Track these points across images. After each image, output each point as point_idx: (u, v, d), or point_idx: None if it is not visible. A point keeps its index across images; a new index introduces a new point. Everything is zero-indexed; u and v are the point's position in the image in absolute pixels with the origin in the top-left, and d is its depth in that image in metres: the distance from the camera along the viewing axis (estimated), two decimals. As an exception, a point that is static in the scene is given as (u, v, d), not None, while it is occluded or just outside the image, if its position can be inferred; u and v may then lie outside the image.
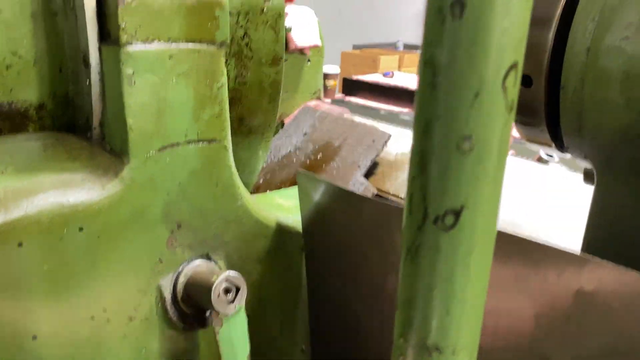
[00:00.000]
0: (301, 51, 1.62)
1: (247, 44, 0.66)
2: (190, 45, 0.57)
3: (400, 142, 1.43)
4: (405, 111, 3.30)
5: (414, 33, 6.96)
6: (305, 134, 1.56)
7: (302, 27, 1.61)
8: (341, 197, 0.69)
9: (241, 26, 0.65)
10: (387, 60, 4.33)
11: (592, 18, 0.59)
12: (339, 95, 3.85)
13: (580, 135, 0.65)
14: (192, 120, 0.59)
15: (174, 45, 0.55)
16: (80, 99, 0.58)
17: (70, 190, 0.52)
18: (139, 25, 0.52)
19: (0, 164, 0.52)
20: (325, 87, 4.18)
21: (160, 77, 0.55)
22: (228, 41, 0.60)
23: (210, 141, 0.61)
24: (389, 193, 1.26)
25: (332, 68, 4.28)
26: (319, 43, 1.65)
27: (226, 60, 0.61)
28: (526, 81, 0.67)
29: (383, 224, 0.63)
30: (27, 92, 0.57)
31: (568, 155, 0.71)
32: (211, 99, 0.59)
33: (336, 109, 1.69)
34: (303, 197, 0.71)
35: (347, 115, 1.65)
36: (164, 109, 0.56)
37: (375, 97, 3.54)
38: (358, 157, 1.36)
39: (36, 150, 0.56)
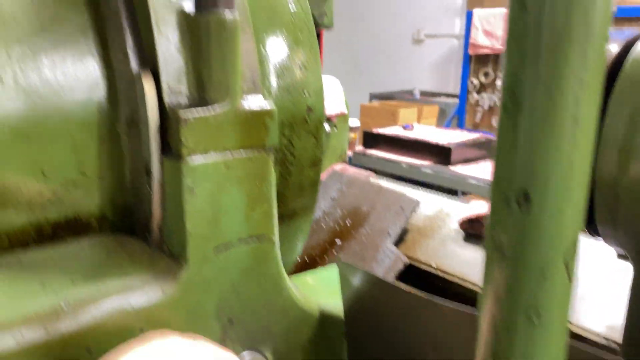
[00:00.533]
0: (328, 119, 1.68)
1: (290, 152, 0.70)
2: (243, 153, 0.61)
3: (426, 205, 1.45)
4: (426, 164, 3.34)
5: (430, 81, 7.08)
6: (333, 199, 1.60)
7: (328, 96, 1.67)
8: (378, 286, 0.72)
9: (285, 136, 0.69)
10: (406, 113, 4.40)
11: (624, 120, 0.62)
12: (359, 148, 3.91)
13: (615, 226, 0.67)
14: (244, 220, 0.62)
15: (229, 155, 0.59)
16: (140, 206, 0.62)
17: (132, 294, 0.56)
18: (198, 139, 0.57)
19: (69, 272, 0.56)
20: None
21: (216, 184, 0.59)
22: (276, 145, 0.64)
23: (259, 237, 0.64)
24: (420, 261, 1.28)
25: (352, 121, 4.37)
26: (345, 110, 1.71)
27: (272, 165, 0.65)
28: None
29: (416, 314, 0.66)
30: (91, 206, 0.61)
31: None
32: (260, 198, 0.63)
33: (362, 173, 1.73)
34: (344, 284, 0.74)
35: (373, 179, 1.69)
36: (219, 213, 0.60)
37: (396, 150, 3.59)
38: (387, 224, 1.39)
39: (100, 256, 0.60)
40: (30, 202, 0.58)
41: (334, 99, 1.68)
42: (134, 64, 0.59)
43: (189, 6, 0.59)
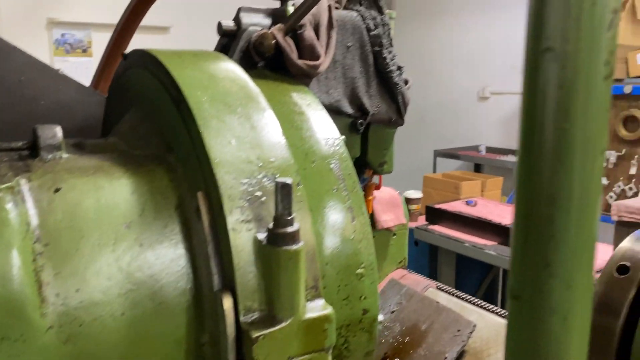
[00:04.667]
0: (388, 229, 1.77)
1: (346, 347, 0.81)
2: (305, 357, 0.71)
3: (483, 326, 1.49)
4: (489, 244, 3.33)
5: (496, 138, 7.04)
6: (392, 312, 1.67)
7: (389, 209, 1.77)
8: None
9: (342, 336, 0.80)
10: (469, 186, 4.42)
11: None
12: (422, 222, 3.95)
13: None
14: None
15: (293, 360, 0.70)
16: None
17: None
18: (268, 354, 0.68)
19: None
20: (409, 210, 4.31)
21: (282, 388, 0.69)
22: (333, 345, 0.74)
23: None
24: (475, 389, 1.31)
25: (415, 193, 4.43)
26: (404, 221, 1.80)
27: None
28: (596, 373, 0.75)
29: None
30: None
31: None
32: (320, 393, 0.73)
33: (421, 282, 1.79)
34: None
35: (432, 289, 1.74)
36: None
37: (459, 227, 3.61)
38: (444, 346, 1.44)
39: None
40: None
41: (394, 210, 1.78)
42: (216, 284, 0.72)
43: (263, 235, 0.71)
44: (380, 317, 0.88)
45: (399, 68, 1.20)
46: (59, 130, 0.82)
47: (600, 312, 0.76)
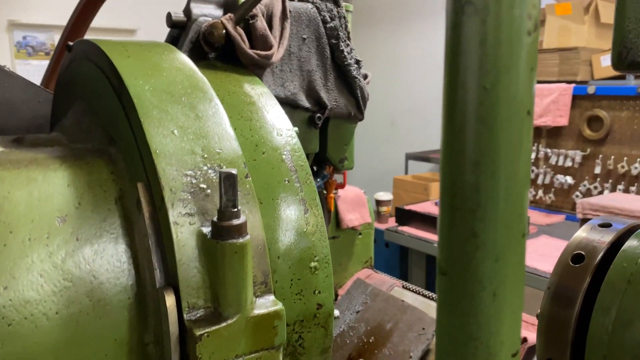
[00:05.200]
0: (353, 228, 1.75)
1: (300, 344, 0.78)
2: (253, 355, 0.68)
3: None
4: (460, 245, 3.33)
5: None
6: (357, 312, 1.65)
7: (354, 208, 1.75)
8: None
9: (296, 332, 0.77)
10: (438, 187, 4.43)
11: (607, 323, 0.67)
12: (392, 224, 3.95)
13: None
14: (254, 415, 0.69)
15: (240, 359, 0.67)
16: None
17: None
18: (212, 352, 0.64)
19: None
20: (378, 212, 4.31)
21: (228, 389, 0.66)
22: (285, 342, 0.71)
23: None
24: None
25: (385, 195, 4.43)
26: (369, 220, 1.78)
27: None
28: (552, 364, 0.74)
29: None
30: None
31: None
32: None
33: (387, 282, 1.77)
34: None
35: (398, 288, 1.73)
36: (231, 412, 0.67)
37: (428, 227, 3.61)
38: (409, 345, 1.42)
39: None
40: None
41: (359, 210, 1.76)
42: (159, 280, 0.68)
43: (207, 229, 0.68)
44: (336, 313, 0.85)
45: (357, 62, 1.18)
46: (-7, 123, 0.77)
47: (555, 302, 0.75)
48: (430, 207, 3.88)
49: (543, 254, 3.11)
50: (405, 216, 3.85)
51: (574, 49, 4.09)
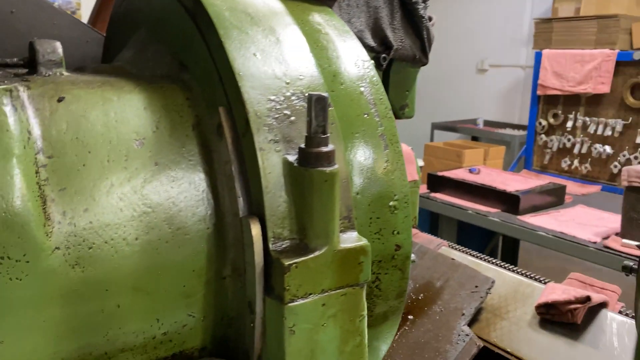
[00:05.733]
0: (399, 185, 1.70)
1: (377, 286, 0.74)
2: (339, 291, 0.64)
3: (501, 283, 1.44)
4: (493, 212, 3.27)
5: (494, 111, 6.97)
6: (404, 269, 1.60)
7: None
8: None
9: (373, 273, 0.73)
10: (472, 154, 4.35)
11: None
12: (424, 190, 3.89)
13: None
14: (338, 355, 0.65)
15: (325, 294, 0.63)
16: (240, 338, 0.67)
17: None
18: (300, 284, 0.61)
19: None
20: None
21: (313, 323, 0.63)
22: (369, 280, 0.67)
23: (351, 370, 0.67)
24: (494, 345, 1.26)
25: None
26: (417, 177, 1.72)
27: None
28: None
29: None
30: (195, 341, 0.67)
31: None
32: (353, 332, 0.66)
33: (434, 241, 1.73)
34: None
35: (445, 247, 1.68)
36: (315, 350, 0.63)
37: (462, 194, 3.54)
38: (461, 303, 1.38)
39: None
40: (145, 345, 0.63)
41: (408, 167, 1.70)
42: (242, 209, 0.64)
43: (293, 158, 0.64)
44: (413, 257, 0.81)
45: (424, 0, 1.11)
46: (58, 46, 0.73)
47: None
48: (463, 174, 3.80)
49: (580, 223, 3.03)
50: (437, 182, 3.79)
51: (613, 16, 3.91)
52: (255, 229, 0.62)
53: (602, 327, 1.21)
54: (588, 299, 1.21)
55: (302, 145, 0.62)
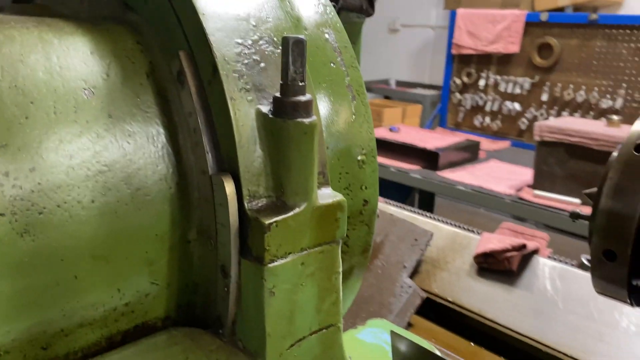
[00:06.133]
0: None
1: (344, 242, 0.71)
2: (317, 249, 0.61)
3: (438, 235, 1.48)
4: (414, 169, 3.37)
5: (406, 71, 7.12)
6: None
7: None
8: (427, 357, 0.75)
9: None
10: (391, 113, 4.42)
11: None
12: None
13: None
14: (315, 313, 0.63)
15: (304, 253, 0.60)
16: (209, 304, 0.62)
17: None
18: (280, 244, 0.57)
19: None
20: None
21: (293, 283, 0.59)
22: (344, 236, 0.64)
23: (328, 327, 0.65)
24: (436, 295, 1.30)
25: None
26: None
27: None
28: (611, 256, 0.72)
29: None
30: (158, 311, 0.62)
31: None
32: (330, 289, 0.64)
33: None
34: (395, 355, 0.76)
35: (381, 203, 1.70)
36: (294, 310, 0.60)
37: (383, 153, 3.61)
38: (402, 256, 1.41)
39: (178, 355, 0.60)
40: (105, 318, 0.57)
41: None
42: (212, 167, 0.59)
43: (266, 109, 0.58)
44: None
45: (373, -52, 1.07)
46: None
47: (618, 195, 0.73)
48: (384, 133, 3.87)
49: (495, 177, 3.20)
50: (359, 140, 3.81)
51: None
52: (229, 187, 0.57)
53: (535, 272, 1.28)
54: (524, 246, 1.27)
55: (277, 94, 0.57)
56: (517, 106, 4.04)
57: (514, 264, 1.27)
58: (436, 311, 1.25)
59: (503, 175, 3.25)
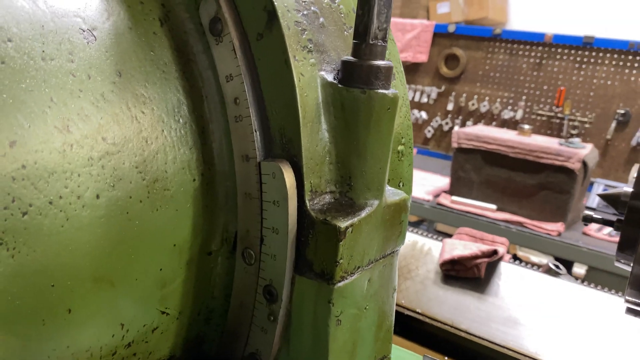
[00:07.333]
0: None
1: None
2: (381, 261, 0.48)
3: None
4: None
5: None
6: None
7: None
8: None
9: None
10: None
11: None
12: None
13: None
14: (373, 344, 0.49)
15: (370, 267, 0.46)
16: (225, 337, 0.46)
17: None
18: (351, 255, 0.43)
19: None
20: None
21: (358, 307, 0.45)
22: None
23: (382, 358, 0.52)
24: (404, 306, 1.21)
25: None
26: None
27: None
28: None
29: None
30: (163, 350, 0.45)
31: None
32: (387, 313, 0.51)
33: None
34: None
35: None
36: (356, 342, 0.46)
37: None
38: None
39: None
40: None
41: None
42: (259, 149, 0.43)
43: (330, 76, 0.44)
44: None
45: None
46: None
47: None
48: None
49: (410, 182, 3.22)
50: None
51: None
52: (289, 179, 0.41)
53: (501, 278, 1.24)
54: (495, 252, 1.22)
55: (350, 58, 0.43)
56: (424, 114, 4.14)
57: (482, 270, 1.21)
58: (404, 323, 1.15)
59: (417, 181, 3.28)
